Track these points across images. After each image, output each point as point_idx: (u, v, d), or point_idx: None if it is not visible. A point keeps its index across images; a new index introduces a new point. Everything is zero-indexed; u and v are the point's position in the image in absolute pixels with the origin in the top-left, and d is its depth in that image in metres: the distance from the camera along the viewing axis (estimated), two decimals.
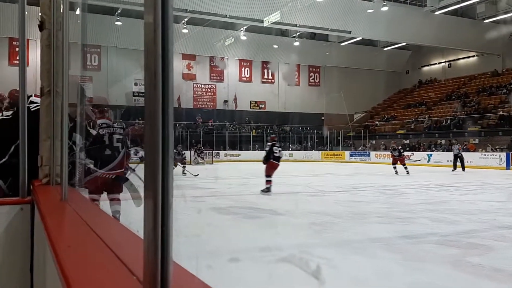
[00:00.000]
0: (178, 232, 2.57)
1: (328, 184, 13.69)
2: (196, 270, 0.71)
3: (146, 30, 0.57)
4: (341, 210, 7.94)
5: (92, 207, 1.43)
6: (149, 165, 0.55)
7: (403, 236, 5.65)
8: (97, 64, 30.16)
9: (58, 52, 1.91)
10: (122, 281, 0.65)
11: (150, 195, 0.54)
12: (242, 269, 3.88)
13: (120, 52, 29.69)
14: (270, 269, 3.79)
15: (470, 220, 6.88)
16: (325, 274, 3.86)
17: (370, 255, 4.64)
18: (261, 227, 6.39)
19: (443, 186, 12.76)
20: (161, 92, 0.55)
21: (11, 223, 1.88)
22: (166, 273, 0.54)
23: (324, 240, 5.52)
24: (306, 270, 3.98)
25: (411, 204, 8.77)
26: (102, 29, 27.85)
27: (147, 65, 0.56)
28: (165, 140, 0.55)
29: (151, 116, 0.55)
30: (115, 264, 0.72)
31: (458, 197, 10.08)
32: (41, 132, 2.07)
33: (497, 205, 8.65)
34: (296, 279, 3.65)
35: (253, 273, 3.79)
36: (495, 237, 5.59)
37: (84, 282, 0.67)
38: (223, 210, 7.81)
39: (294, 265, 4.01)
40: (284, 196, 10.46)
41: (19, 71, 2.21)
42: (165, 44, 0.56)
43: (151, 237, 0.54)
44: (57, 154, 1.90)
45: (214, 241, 4.84)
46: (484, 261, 4.42)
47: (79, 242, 0.96)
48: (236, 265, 4.00)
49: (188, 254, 3.86)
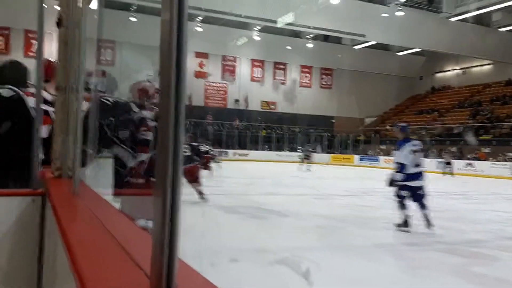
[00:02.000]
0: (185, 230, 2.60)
1: (335, 188, 13.68)
2: (200, 268, 0.74)
3: (163, 27, 0.60)
4: (347, 214, 7.94)
5: (102, 202, 1.47)
6: (160, 164, 0.58)
7: (408, 243, 5.65)
8: (111, 59, 30.38)
9: (74, 49, 1.96)
10: (130, 275, 0.68)
11: (159, 194, 0.58)
12: (243, 270, 3.91)
13: (134, 48, 29.86)
14: (270, 271, 3.82)
15: (476, 229, 6.85)
16: (327, 278, 3.88)
17: (375, 261, 4.64)
18: (266, 228, 6.41)
19: (451, 194, 12.68)
20: (175, 92, 0.58)
21: (22, 214, 1.92)
22: (171, 269, 0.57)
23: (328, 243, 5.54)
24: (306, 274, 3.99)
25: (418, 211, 8.71)
26: (117, 25, 28.04)
27: (162, 61, 0.59)
28: (177, 139, 0.58)
29: (164, 114, 0.58)
30: (123, 257, 0.76)
31: (466, 206, 10.01)
32: (56, 127, 2.12)
33: (505, 215, 8.58)
34: (295, 282, 3.67)
35: (253, 274, 3.82)
36: (501, 248, 5.57)
37: (94, 275, 0.70)
38: (229, 209, 7.85)
39: (294, 268, 4.03)
40: (291, 198, 10.47)
41: (36, 63, 2.26)
42: (180, 41, 0.59)
43: (159, 234, 0.58)
44: (70, 148, 1.94)
45: (219, 240, 4.88)
46: (488, 271, 4.42)
47: (90, 236, 1.00)
48: (237, 265, 4.03)
49: (192, 253, 3.90)
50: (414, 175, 6.22)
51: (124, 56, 30.71)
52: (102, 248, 0.87)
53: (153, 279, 0.58)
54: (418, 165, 6.23)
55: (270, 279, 3.59)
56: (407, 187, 6.22)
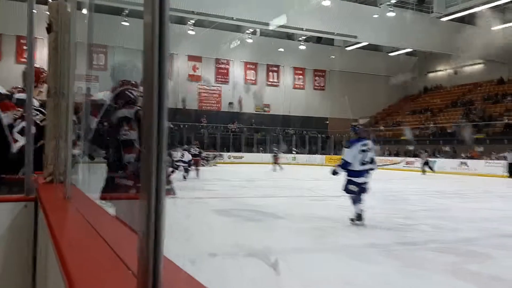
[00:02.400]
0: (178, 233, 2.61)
1: (331, 189, 13.67)
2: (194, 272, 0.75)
3: (145, 30, 0.62)
4: (343, 215, 7.94)
5: (93, 206, 1.47)
6: (144, 165, 0.60)
7: (402, 242, 5.67)
8: (104, 63, 30.30)
9: (65, 54, 1.96)
10: (119, 276, 0.69)
11: (144, 197, 0.59)
12: (241, 269, 3.91)
13: (127, 52, 29.82)
14: (264, 272, 3.82)
15: (471, 228, 6.88)
16: (322, 279, 3.89)
17: (369, 261, 4.66)
18: (261, 230, 6.42)
19: (445, 193, 12.75)
20: (158, 94, 0.59)
21: (15, 220, 1.93)
22: (157, 268, 0.58)
23: (323, 244, 5.55)
24: (301, 274, 4.01)
25: (412, 211, 8.77)
26: (109, 29, 28.00)
27: (145, 63, 0.60)
28: (160, 141, 0.59)
29: (148, 118, 0.59)
30: (113, 259, 0.77)
31: (460, 205, 10.07)
32: (47, 131, 2.13)
33: (499, 213, 8.64)
34: (290, 283, 3.68)
35: (251, 272, 3.82)
36: (495, 246, 5.60)
37: (84, 276, 0.71)
38: (224, 212, 7.85)
39: (289, 269, 4.04)
40: (286, 199, 10.48)
41: (27, 69, 2.26)
42: (162, 43, 0.60)
43: (144, 234, 0.59)
44: (62, 153, 1.95)
45: (212, 244, 4.88)
46: (483, 269, 4.44)
47: (80, 239, 1.01)
48: (234, 265, 4.03)
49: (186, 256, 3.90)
50: (360, 172, 6.74)
51: (117, 61, 30.62)
52: (91, 250, 0.87)
53: (140, 278, 0.59)
54: (364, 163, 6.74)
55: (263, 280, 3.60)
56: (354, 183, 6.74)
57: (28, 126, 2.12)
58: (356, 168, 6.71)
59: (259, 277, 3.65)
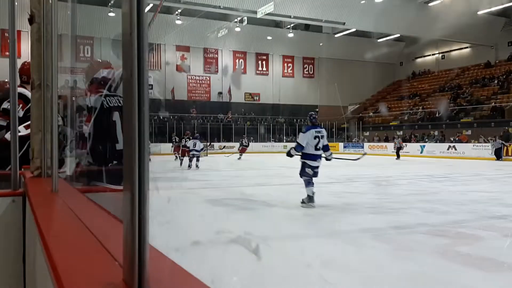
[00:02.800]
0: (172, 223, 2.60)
1: (321, 175, 13.74)
2: (180, 260, 0.75)
3: (123, 20, 0.61)
4: (334, 201, 8.02)
5: (81, 198, 1.46)
6: (127, 158, 0.59)
7: (393, 226, 5.73)
8: (90, 55, 29.95)
9: (48, 45, 1.93)
10: (105, 266, 0.69)
11: (128, 188, 0.58)
12: (232, 261, 3.93)
13: (114, 43, 29.49)
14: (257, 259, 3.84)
15: (460, 210, 6.98)
16: (314, 263, 3.93)
17: (360, 245, 4.70)
18: (254, 218, 6.45)
19: (435, 177, 12.89)
20: (137, 88, 0.58)
21: (3, 215, 1.91)
22: (143, 257, 0.58)
23: (315, 230, 5.59)
24: (295, 260, 4.04)
25: (403, 195, 8.86)
26: (95, 20, 27.64)
27: (124, 61, 0.60)
28: (141, 131, 0.58)
29: (128, 108, 0.58)
30: (100, 251, 0.76)
31: (449, 188, 10.19)
32: (32, 125, 2.10)
33: (487, 195, 8.76)
34: (284, 269, 3.71)
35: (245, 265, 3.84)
36: (484, 227, 5.69)
37: (71, 269, 0.70)
38: (216, 201, 7.86)
39: (283, 255, 4.07)
40: (277, 187, 10.52)
41: (10, 62, 2.22)
42: (140, 33, 0.60)
43: (129, 225, 0.58)
44: (48, 147, 1.92)
45: (205, 232, 4.89)
46: (472, 251, 4.51)
47: (67, 231, 1.00)
48: (228, 254, 4.05)
49: (175, 246, 3.90)
50: (314, 155, 7.34)
51: (103, 52, 30.29)
52: (78, 242, 0.87)
53: (126, 267, 0.59)
54: (318, 149, 7.34)
55: (258, 268, 3.61)
56: (310, 166, 7.31)
57: (14, 119, 2.09)
58: (311, 152, 7.29)
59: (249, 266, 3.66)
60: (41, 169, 2.11)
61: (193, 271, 0.62)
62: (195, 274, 0.62)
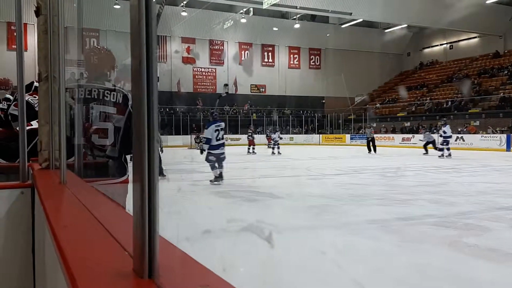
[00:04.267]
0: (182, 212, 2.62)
1: (328, 167, 13.76)
2: (189, 249, 0.75)
3: (132, 12, 0.60)
4: (341, 192, 8.01)
5: (89, 190, 1.47)
6: (136, 148, 0.59)
7: (401, 217, 5.71)
8: None
9: (55, 37, 1.93)
10: (115, 256, 0.69)
11: (137, 179, 0.58)
12: (248, 246, 3.94)
13: (119, 36, 29.49)
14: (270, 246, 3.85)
15: (468, 201, 6.94)
16: (320, 254, 3.93)
17: (368, 237, 4.70)
18: (260, 210, 6.46)
19: (442, 168, 12.82)
20: (146, 78, 0.58)
21: (12, 207, 1.92)
22: (153, 248, 0.58)
23: (323, 222, 5.59)
24: (299, 249, 4.05)
25: (410, 186, 8.83)
26: (101, 13, 27.62)
27: (133, 50, 0.59)
28: (150, 121, 0.58)
29: (137, 100, 0.58)
30: (109, 241, 0.77)
31: (457, 179, 10.14)
32: (40, 117, 2.11)
33: (495, 186, 8.70)
34: (298, 257, 3.71)
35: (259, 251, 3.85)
36: (492, 218, 5.66)
37: (80, 258, 0.71)
38: (222, 193, 7.88)
39: (291, 246, 4.08)
40: (284, 179, 10.53)
41: (17, 56, 2.23)
42: (148, 25, 0.59)
43: (139, 215, 0.58)
44: (56, 139, 1.93)
45: (212, 224, 4.91)
46: (480, 242, 4.49)
47: (76, 222, 1.00)
48: (240, 242, 4.06)
49: (186, 235, 3.93)
50: (217, 146, 8.91)
51: (109, 45, 30.29)
52: (87, 233, 0.87)
53: (136, 258, 0.59)
54: (219, 139, 8.94)
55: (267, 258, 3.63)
56: (212, 154, 8.93)
57: (22, 112, 2.09)
58: (213, 143, 8.85)
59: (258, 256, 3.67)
60: (49, 161, 2.12)
61: (205, 259, 0.62)
62: (207, 262, 0.62)
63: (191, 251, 0.67)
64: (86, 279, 0.59)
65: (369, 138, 20.58)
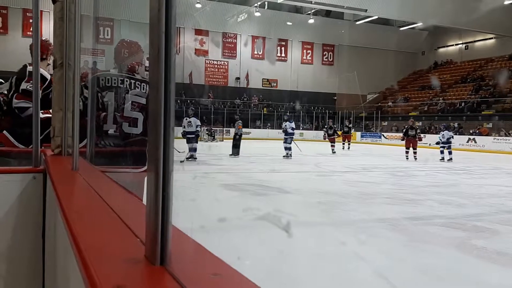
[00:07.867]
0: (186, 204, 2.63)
1: (337, 164, 13.71)
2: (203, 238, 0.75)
3: (152, 4, 0.60)
4: (349, 190, 7.98)
5: (101, 177, 1.48)
6: (152, 138, 0.59)
7: (409, 217, 5.68)
8: (110, 37, 30.08)
9: (71, 25, 1.94)
10: (127, 243, 0.69)
11: (152, 168, 0.59)
12: (250, 244, 3.95)
13: (133, 26, 29.55)
14: (272, 244, 3.86)
15: (477, 203, 6.88)
16: (328, 251, 3.93)
17: (375, 235, 4.69)
18: (267, 204, 6.46)
19: (453, 169, 12.71)
20: (164, 66, 0.58)
21: (24, 191, 1.95)
22: (165, 235, 0.58)
23: (330, 218, 5.58)
24: (307, 246, 4.04)
25: (420, 186, 8.77)
26: (115, 2, 27.70)
27: (151, 38, 0.59)
28: (167, 114, 0.58)
29: (154, 89, 0.58)
30: (121, 227, 0.77)
31: (467, 181, 10.05)
32: (53, 103, 2.12)
33: (506, 189, 8.62)
34: (298, 256, 3.71)
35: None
36: (502, 221, 5.60)
37: (92, 244, 0.71)
38: (231, 186, 7.90)
39: (296, 242, 4.08)
40: (293, 175, 10.52)
41: (33, 40, 2.24)
42: (168, 17, 0.59)
43: (152, 203, 0.59)
44: (69, 125, 1.95)
45: (220, 216, 4.92)
46: (488, 245, 4.45)
47: (88, 208, 1.01)
48: (245, 239, 4.08)
49: (201, 223, 3.94)
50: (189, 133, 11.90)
51: (122, 35, 30.40)
52: (99, 219, 0.88)
53: (148, 245, 0.59)
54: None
55: (275, 252, 3.64)
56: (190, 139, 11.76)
57: (36, 97, 2.11)
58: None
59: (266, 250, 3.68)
60: (61, 147, 2.14)
61: (220, 247, 0.62)
62: (222, 250, 0.62)
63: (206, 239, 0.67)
64: (98, 264, 0.60)
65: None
